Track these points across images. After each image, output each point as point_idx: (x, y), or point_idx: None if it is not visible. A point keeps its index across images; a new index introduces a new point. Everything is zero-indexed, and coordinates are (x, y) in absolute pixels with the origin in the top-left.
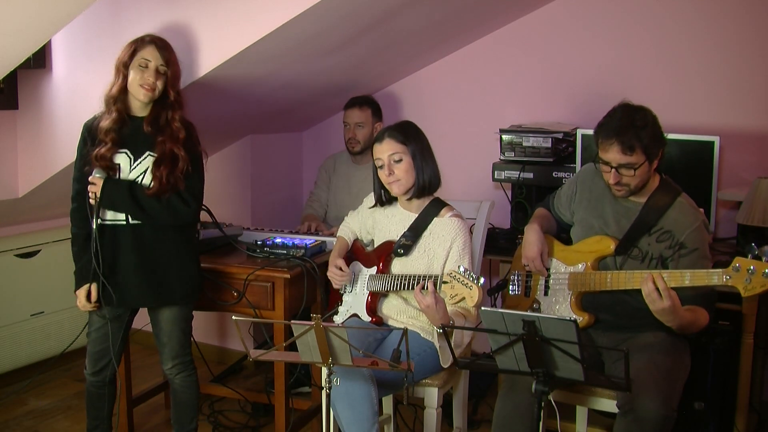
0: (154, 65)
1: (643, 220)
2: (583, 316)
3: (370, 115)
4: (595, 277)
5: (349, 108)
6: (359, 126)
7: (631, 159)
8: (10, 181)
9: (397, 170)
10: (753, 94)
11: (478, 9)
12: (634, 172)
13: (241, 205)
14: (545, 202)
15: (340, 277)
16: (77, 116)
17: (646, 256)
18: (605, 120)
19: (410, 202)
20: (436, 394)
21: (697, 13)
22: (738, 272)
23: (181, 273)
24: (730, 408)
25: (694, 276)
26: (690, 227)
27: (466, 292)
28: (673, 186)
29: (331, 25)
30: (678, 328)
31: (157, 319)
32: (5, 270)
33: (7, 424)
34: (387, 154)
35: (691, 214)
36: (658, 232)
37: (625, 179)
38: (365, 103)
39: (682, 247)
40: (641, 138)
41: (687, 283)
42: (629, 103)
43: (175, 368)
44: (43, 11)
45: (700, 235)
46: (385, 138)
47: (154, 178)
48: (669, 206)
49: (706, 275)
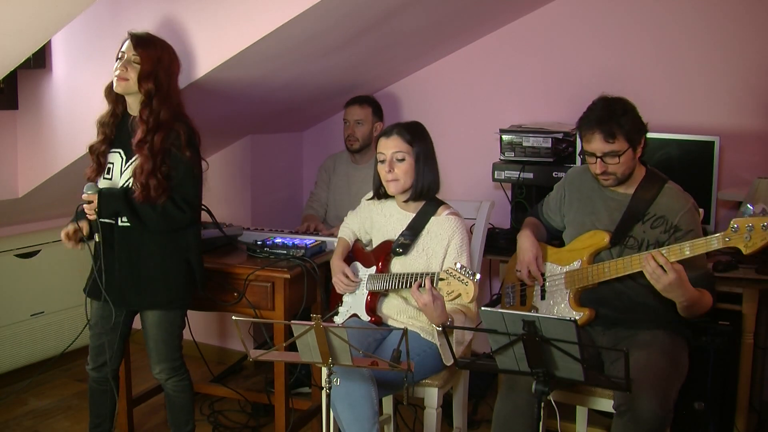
0: (126, 58)
1: (634, 208)
2: (583, 311)
3: (371, 113)
4: (593, 270)
5: (349, 105)
6: (358, 123)
7: (614, 146)
8: (10, 181)
9: (397, 169)
10: (753, 94)
11: (478, 9)
12: (619, 160)
13: (241, 205)
14: (534, 210)
15: (345, 285)
16: (77, 116)
17: (642, 243)
18: (586, 113)
19: (407, 203)
20: (436, 394)
21: (697, 13)
22: (737, 232)
23: (167, 277)
24: (730, 408)
25: (693, 246)
26: (682, 209)
27: (462, 288)
28: (660, 175)
29: (330, 26)
30: (687, 304)
31: (144, 323)
32: (5, 270)
33: (7, 424)
34: (391, 150)
35: (681, 197)
36: (651, 218)
37: (611, 168)
38: (366, 101)
39: (677, 230)
40: (622, 125)
41: (687, 253)
42: (607, 95)
43: (163, 373)
44: (43, 11)
45: (692, 217)
46: (393, 134)
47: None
48: (658, 193)
49: (705, 243)
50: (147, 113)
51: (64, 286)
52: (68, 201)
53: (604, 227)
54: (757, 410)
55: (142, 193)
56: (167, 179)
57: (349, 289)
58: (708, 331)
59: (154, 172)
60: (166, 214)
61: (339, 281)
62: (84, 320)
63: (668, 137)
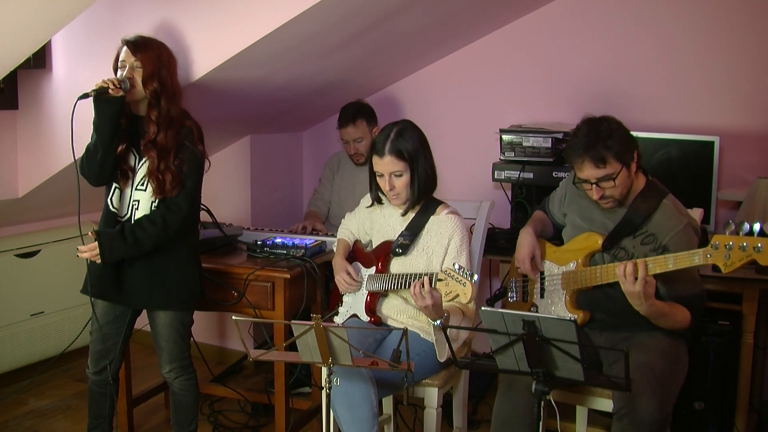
0: (128, 65)
1: (628, 221)
2: (578, 313)
3: (365, 126)
4: (586, 273)
5: (343, 127)
6: (358, 141)
7: (606, 170)
8: (10, 181)
9: (397, 184)
10: (753, 94)
11: (478, 9)
12: (614, 182)
13: (241, 205)
14: (542, 204)
15: (348, 284)
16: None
17: (631, 257)
18: (571, 140)
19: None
20: (436, 394)
21: (697, 12)
22: (717, 250)
23: (179, 277)
24: (730, 408)
25: (677, 259)
26: (673, 230)
27: (460, 288)
28: (660, 187)
29: (330, 26)
30: (646, 315)
31: (155, 323)
32: (5, 270)
33: (7, 424)
34: (389, 170)
35: (675, 217)
36: (643, 234)
37: (608, 191)
38: (356, 115)
39: (666, 250)
40: (610, 147)
41: (671, 266)
42: (591, 116)
43: (173, 372)
44: (43, 11)
45: (685, 237)
46: (386, 154)
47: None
48: (655, 209)
49: (688, 257)
50: (156, 113)
51: (64, 286)
52: (68, 201)
53: (598, 231)
54: (757, 410)
55: (158, 189)
56: (180, 172)
57: (351, 288)
58: (708, 331)
59: (168, 167)
60: (164, 223)
61: (342, 280)
62: (84, 320)
63: (668, 137)
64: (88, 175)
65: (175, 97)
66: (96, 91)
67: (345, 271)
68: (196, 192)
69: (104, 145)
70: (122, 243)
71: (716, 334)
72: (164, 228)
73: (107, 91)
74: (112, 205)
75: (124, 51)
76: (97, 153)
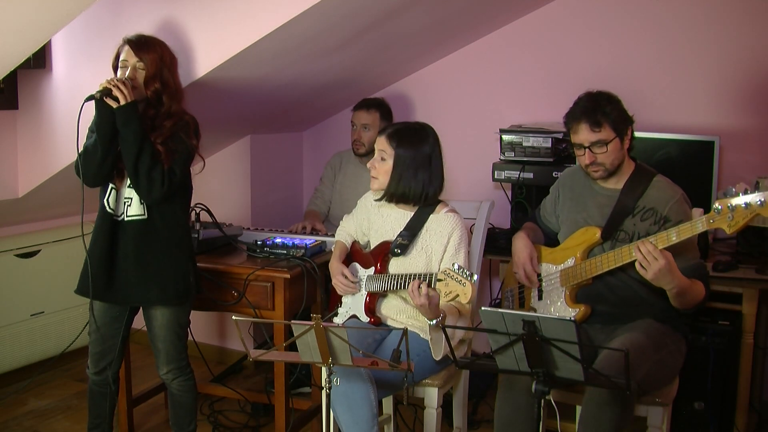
0: (131, 65)
1: (624, 202)
2: (579, 308)
3: (378, 117)
4: (586, 265)
5: (357, 109)
6: (365, 128)
7: (600, 135)
8: (10, 181)
9: (378, 167)
10: (753, 94)
11: (478, 9)
12: (606, 148)
13: (241, 205)
14: (531, 216)
15: (345, 286)
16: (77, 116)
17: (633, 236)
18: (571, 107)
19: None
20: (436, 394)
21: (697, 13)
22: (720, 213)
23: (175, 271)
24: (730, 408)
25: (680, 231)
26: (671, 200)
27: (460, 289)
28: (648, 169)
29: (331, 26)
30: (678, 291)
31: (152, 324)
32: (5, 270)
33: (7, 424)
34: (378, 148)
35: (669, 188)
36: (641, 211)
37: (599, 158)
38: (374, 105)
39: (667, 221)
40: (607, 113)
41: (674, 239)
42: (591, 90)
43: (171, 374)
44: (43, 11)
45: (682, 207)
46: (383, 133)
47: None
48: (647, 187)
49: (691, 226)
50: (155, 112)
51: (64, 286)
52: (68, 201)
53: (595, 223)
54: (757, 410)
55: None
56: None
57: (349, 290)
58: (708, 331)
59: (165, 143)
60: (159, 176)
61: (339, 283)
62: (84, 320)
63: (668, 137)
64: (86, 175)
65: (177, 96)
66: (101, 93)
67: (341, 274)
68: (179, 179)
69: (104, 145)
70: (135, 118)
71: (716, 334)
72: (151, 167)
73: (111, 92)
74: (108, 205)
75: (125, 50)
76: (96, 153)
